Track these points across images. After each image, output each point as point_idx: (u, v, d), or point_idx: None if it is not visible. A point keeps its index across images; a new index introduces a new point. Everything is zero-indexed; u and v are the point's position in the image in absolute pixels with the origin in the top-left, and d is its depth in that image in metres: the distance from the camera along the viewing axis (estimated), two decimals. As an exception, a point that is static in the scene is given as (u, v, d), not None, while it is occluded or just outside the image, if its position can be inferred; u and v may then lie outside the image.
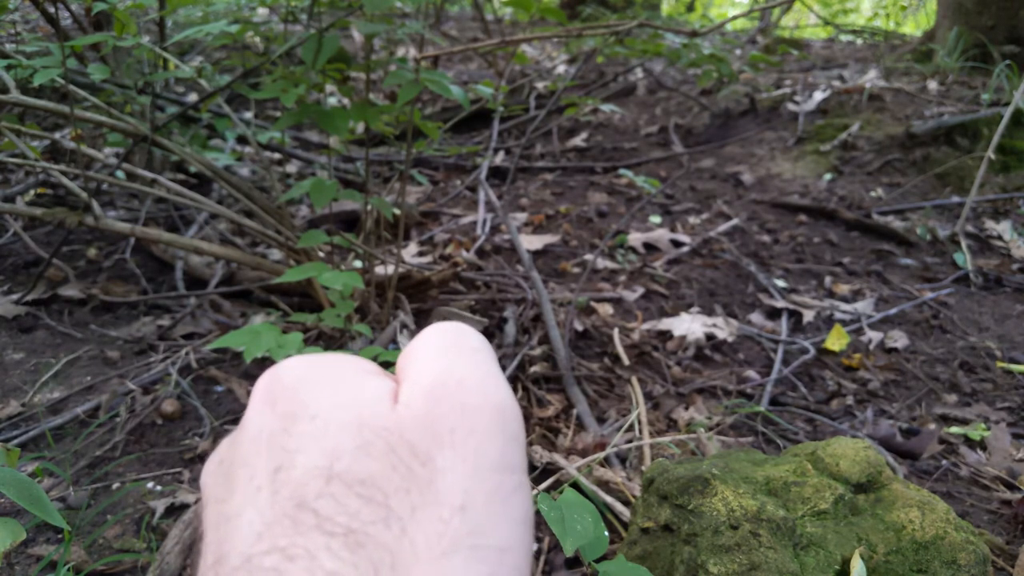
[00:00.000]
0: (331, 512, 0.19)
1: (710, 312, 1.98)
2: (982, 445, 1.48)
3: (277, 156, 2.88)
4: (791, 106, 3.37)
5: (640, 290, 2.06)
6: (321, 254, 1.81)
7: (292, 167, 2.98)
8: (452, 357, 0.23)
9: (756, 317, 1.99)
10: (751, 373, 1.72)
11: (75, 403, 1.50)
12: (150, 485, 1.30)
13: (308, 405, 0.22)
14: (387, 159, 3.08)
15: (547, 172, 3.08)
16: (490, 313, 1.84)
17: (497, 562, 0.19)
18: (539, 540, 1.20)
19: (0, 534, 0.85)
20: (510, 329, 1.73)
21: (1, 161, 1.46)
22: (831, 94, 3.37)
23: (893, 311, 2.02)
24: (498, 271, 2.13)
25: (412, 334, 1.70)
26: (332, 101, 2.97)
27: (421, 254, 2.31)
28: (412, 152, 1.69)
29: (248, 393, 1.54)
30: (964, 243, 2.43)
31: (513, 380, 1.61)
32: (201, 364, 1.61)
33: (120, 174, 1.92)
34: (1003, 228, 2.59)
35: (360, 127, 1.69)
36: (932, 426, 1.53)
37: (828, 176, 2.95)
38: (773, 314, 2.01)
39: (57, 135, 2.34)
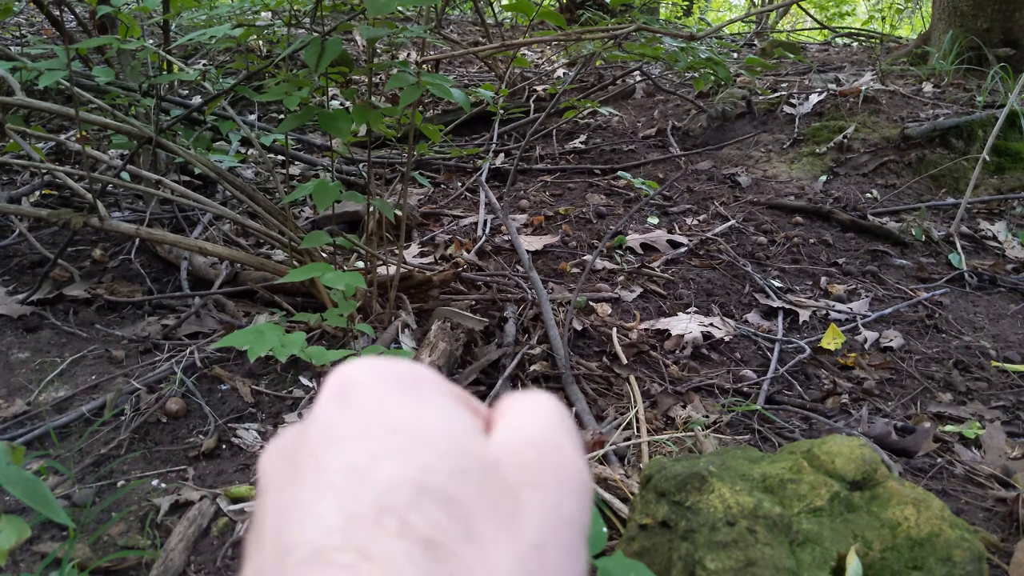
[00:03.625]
0: (416, 521, 0.20)
1: (707, 312, 2.00)
2: (977, 443, 1.50)
3: (280, 158, 2.90)
4: (787, 109, 3.40)
5: (638, 290, 2.08)
6: (324, 255, 1.83)
7: (295, 169, 2.99)
8: (553, 423, 0.26)
9: (752, 317, 2.01)
10: (748, 372, 1.74)
11: (80, 402, 1.52)
12: (155, 483, 1.32)
13: (387, 413, 0.23)
14: (389, 161, 3.10)
15: (547, 174, 3.10)
16: (490, 313, 1.86)
17: None
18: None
19: (5, 531, 0.86)
20: (510, 328, 1.75)
21: (7, 163, 1.48)
22: (827, 97, 3.39)
23: (888, 311, 2.04)
24: (498, 271, 2.14)
25: (414, 333, 1.72)
26: (335, 104, 2.99)
27: (422, 255, 2.33)
28: (414, 154, 1.70)
29: (252, 392, 1.56)
30: (959, 243, 2.45)
31: (513, 379, 1.63)
32: (205, 363, 1.63)
33: (125, 176, 1.94)
34: (998, 229, 2.61)
35: (362, 129, 1.71)
36: (927, 424, 1.54)
37: (824, 178, 2.97)
38: (769, 314, 2.03)
39: (62, 137, 2.35)
